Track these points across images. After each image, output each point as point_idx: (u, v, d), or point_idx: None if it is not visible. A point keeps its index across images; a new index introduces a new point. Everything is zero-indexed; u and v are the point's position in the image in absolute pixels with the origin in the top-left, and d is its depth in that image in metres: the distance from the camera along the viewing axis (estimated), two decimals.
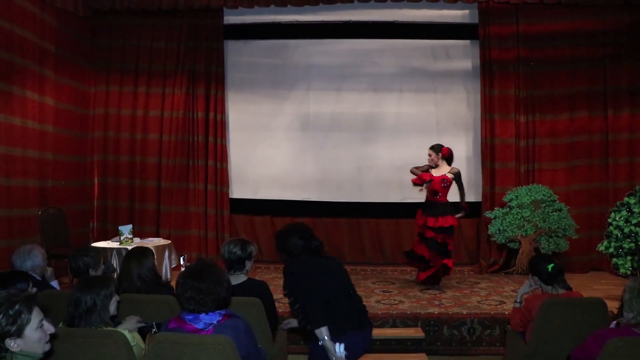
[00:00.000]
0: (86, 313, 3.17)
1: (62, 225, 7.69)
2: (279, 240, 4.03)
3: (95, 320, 3.19)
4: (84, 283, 3.30)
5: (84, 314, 3.17)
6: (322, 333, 3.61)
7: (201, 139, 9.11)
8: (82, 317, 3.17)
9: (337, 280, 3.90)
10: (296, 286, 3.79)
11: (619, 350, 3.00)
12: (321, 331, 3.61)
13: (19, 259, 4.43)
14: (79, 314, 3.17)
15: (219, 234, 9.08)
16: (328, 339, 3.60)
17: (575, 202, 8.62)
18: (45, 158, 7.74)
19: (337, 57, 9.30)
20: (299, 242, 3.94)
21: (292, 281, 3.83)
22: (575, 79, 8.82)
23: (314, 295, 3.68)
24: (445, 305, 6.36)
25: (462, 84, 9.23)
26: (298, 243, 3.94)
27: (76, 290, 3.23)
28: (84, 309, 3.16)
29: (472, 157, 9.13)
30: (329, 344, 3.58)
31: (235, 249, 4.30)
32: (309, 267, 3.84)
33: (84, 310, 3.17)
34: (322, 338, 3.61)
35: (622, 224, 6.66)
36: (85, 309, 3.16)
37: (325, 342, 3.59)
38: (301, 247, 3.93)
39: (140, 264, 4.27)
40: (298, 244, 3.93)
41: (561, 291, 4.30)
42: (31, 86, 7.35)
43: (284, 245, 3.97)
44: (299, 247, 3.93)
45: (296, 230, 4.02)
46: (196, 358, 2.89)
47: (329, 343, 3.59)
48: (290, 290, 3.85)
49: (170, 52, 9.16)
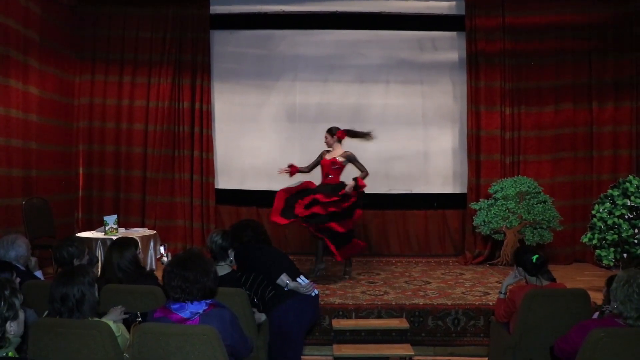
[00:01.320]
0: (77, 305, 3.14)
1: (46, 215, 7.63)
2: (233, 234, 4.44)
3: (87, 310, 3.17)
4: (66, 277, 3.23)
5: (74, 307, 3.14)
6: (283, 280, 4.10)
7: (187, 129, 9.07)
8: (72, 311, 3.13)
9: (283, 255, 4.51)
10: (248, 258, 4.26)
11: (601, 340, 3.03)
12: (282, 279, 4.10)
13: (2, 249, 4.40)
14: (68, 308, 3.13)
15: (204, 225, 9.06)
16: (290, 280, 4.09)
17: (560, 194, 8.68)
18: (30, 147, 7.67)
19: (324, 48, 9.28)
20: (249, 233, 4.45)
21: (243, 257, 4.28)
22: (560, 72, 8.86)
23: (267, 255, 4.25)
24: (430, 296, 6.39)
25: (449, 76, 9.24)
26: (249, 234, 4.44)
27: (59, 286, 3.17)
28: (73, 302, 3.13)
29: (457, 149, 9.17)
30: (293, 284, 4.09)
31: (216, 237, 4.44)
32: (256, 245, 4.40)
33: (74, 304, 3.13)
34: (285, 283, 4.09)
35: (605, 216, 6.71)
36: (74, 302, 3.13)
37: (289, 284, 4.10)
38: (251, 237, 4.43)
39: (121, 256, 4.27)
40: (249, 235, 4.44)
41: (545, 282, 4.34)
42: (15, 75, 7.27)
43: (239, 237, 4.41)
44: (249, 237, 4.42)
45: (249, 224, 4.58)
46: (181, 348, 2.89)
47: (292, 283, 4.10)
48: (244, 268, 4.29)
49: (155, 41, 9.08)
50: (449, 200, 9.18)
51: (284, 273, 4.11)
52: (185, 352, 2.89)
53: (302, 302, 4.15)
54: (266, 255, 4.26)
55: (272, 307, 4.13)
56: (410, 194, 9.16)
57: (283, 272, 4.12)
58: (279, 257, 4.35)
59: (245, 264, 4.27)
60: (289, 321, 4.12)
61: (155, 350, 2.91)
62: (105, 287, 3.91)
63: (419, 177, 9.20)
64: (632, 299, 3.06)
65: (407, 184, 9.14)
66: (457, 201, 9.11)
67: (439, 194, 9.20)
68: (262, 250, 4.31)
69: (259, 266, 4.19)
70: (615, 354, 3.03)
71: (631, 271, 3.19)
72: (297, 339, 4.23)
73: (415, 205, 9.20)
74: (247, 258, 4.26)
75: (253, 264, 4.22)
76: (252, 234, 4.43)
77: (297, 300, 4.12)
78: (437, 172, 9.22)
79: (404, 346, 5.39)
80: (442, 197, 9.19)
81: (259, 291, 4.17)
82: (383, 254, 9.01)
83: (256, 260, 4.21)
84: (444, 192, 9.21)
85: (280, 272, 4.11)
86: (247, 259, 4.25)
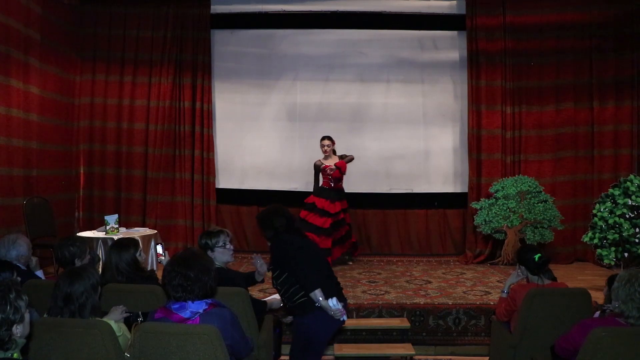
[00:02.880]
0: (79, 309, 3.14)
1: (47, 215, 7.63)
2: (265, 219, 4.24)
3: (88, 315, 3.17)
4: (72, 276, 3.22)
5: (76, 310, 3.14)
6: (317, 295, 3.89)
7: (188, 128, 9.07)
8: (74, 314, 3.13)
9: (320, 256, 4.25)
10: (287, 257, 4.03)
11: (602, 339, 3.03)
12: (315, 293, 3.89)
13: (3, 248, 4.40)
14: (70, 310, 3.13)
15: (205, 224, 9.04)
16: (323, 298, 3.88)
17: (561, 194, 8.68)
18: (31, 147, 7.68)
19: (325, 47, 9.28)
20: (283, 221, 4.18)
21: (281, 253, 4.07)
22: (561, 71, 8.86)
23: (307, 263, 3.98)
24: (431, 296, 6.39)
25: (450, 75, 9.24)
26: (283, 221, 4.18)
27: (65, 285, 3.17)
28: (76, 305, 3.13)
29: (458, 148, 9.16)
30: (324, 303, 3.88)
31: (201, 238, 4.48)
32: (298, 241, 4.15)
33: (76, 307, 3.14)
34: (317, 299, 3.89)
35: (606, 215, 6.71)
36: (77, 306, 3.13)
37: (321, 301, 3.88)
38: (285, 225, 4.17)
39: (119, 257, 4.25)
40: (283, 222, 4.17)
41: (547, 281, 4.34)
42: (16, 74, 7.28)
43: (271, 223, 4.18)
44: (283, 225, 4.17)
45: (280, 210, 4.28)
46: (182, 348, 2.89)
47: (324, 302, 3.88)
48: (278, 263, 4.09)
49: (156, 41, 9.08)
50: (450, 199, 9.18)
51: (319, 288, 3.91)
52: (186, 352, 2.89)
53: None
54: (306, 261, 3.99)
55: (300, 313, 4.01)
56: (411, 193, 9.15)
57: (319, 287, 3.91)
58: (319, 264, 4.10)
59: (281, 262, 4.08)
60: (316, 330, 4.02)
61: (156, 349, 2.91)
62: (106, 287, 3.90)
63: (419, 177, 9.20)
64: (634, 298, 3.06)
65: (408, 183, 9.13)
66: (458, 200, 9.11)
67: (440, 193, 9.20)
68: (302, 253, 4.03)
69: (297, 273, 3.97)
70: (617, 353, 3.02)
71: (632, 270, 3.19)
72: (321, 347, 4.14)
73: (416, 204, 9.20)
74: (285, 257, 4.05)
75: (291, 268, 4.01)
76: (286, 222, 4.19)
77: None
78: (438, 171, 9.22)
79: (405, 345, 5.40)
80: (443, 196, 9.19)
81: (290, 292, 4.02)
82: (384, 254, 9.01)
83: (295, 266, 3.98)
84: (444, 192, 9.20)
85: (315, 286, 3.91)
86: (285, 258, 4.05)
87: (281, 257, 4.07)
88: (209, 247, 4.39)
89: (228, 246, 4.43)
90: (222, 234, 4.45)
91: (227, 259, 4.46)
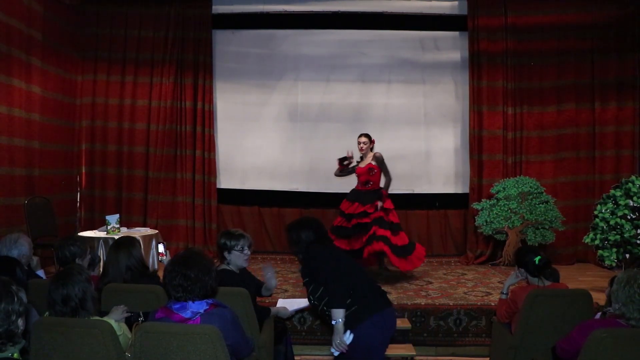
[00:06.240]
0: (80, 304, 3.14)
1: (48, 215, 7.64)
2: (294, 232, 4.03)
3: (91, 307, 3.18)
4: (64, 278, 3.20)
5: (78, 306, 3.14)
6: (338, 313, 3.67)
7: (189, 128, 9.08)
8: (76, 310, 3.13)
9: (355, 264, 4.04)
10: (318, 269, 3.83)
11: (603, 341, 3.02)
12: (338, 312, 3.67)
13: (4, 247, 4.39)
14: (71, 308, 3.13)
15: (206, 224, 9.06)
16: (342, 321, 3.66)
17: (562, 194, 8.68)
18: (32, 147, 7.69)
19: (326, 47, 9.29)
20: (311, 234, 3.97)
21: (314, 265, 3.87)
22: (562, 72, 8.86)
23: (337, 278, 3.73)
24: (431, 296, 6.39)
25: (451, 76, 9.24)
26: (311, 235, 3.97)
27: (59, 288, 3.15)
28: (76, 301, 3.13)
29: (459, 149, 9.16)
30: (340, 326, 3.65)
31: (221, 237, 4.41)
32: (329, 251, 3.94)
33: (77, 303, 3.13)
34: (337, 319, 3.67)
35: (607, 216, 6.70)
36: (77, 302, 3.13)
37: (339, 323, 3.66)
38: (314, 238, 3.97)
39: (130, 255, 4.20)
40: (311, 236, 3.97)
41: (547, 283, 4.33)
42: (17, 74, 7.29)
43: (299, 237, 3.98)
44: (311, 238, 3.96)
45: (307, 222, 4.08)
46: (183, 348, 2.89)
47: (340, 325, 3.66)
48: (311, 276, 3.90)
49: (158, 41, 9.10)
50: (451, 200, 9.18)
51: (342, 309, 3.68)
52: (187, 352, 2.88)
53: (386, 317, 3.87)
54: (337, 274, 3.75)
55: (355, 324, 3.75)
56: (412, 194, 9.14)
57: (342, 307, 3.69)
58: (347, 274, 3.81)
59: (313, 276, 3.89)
60: (376, 336, 3.82)
61: (157, 349, 2.91)
62: (107, 287, 3.91)
63: (420, 177, 9.19)
64: (634, 300, 3.05)
65: (409, 184, 9.12)
66: (459, 201, 9.11)
67: (441, 193, 9.20)
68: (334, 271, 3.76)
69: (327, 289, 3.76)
70: (618, 355, 3.01)
71: (631, 272, 3.18)
72: (381, 353, 3.98)
73: (417, 205, 9.20)
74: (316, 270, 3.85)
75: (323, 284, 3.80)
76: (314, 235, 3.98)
77: (381, 315, 3.81)
78: (439, 172, 9.22)
79: (405, 346, 5.38)
80: (444, 197, 9.19)
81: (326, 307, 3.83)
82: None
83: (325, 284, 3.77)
84: (446, 192, 9.20)
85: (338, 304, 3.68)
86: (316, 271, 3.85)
87: (314, 270, 3.88)
88: (227, 247, 4.36)
89: (245, 251, 4.39)
90: (243, 239, 4.40)
91: (241, 264, 4.42)
